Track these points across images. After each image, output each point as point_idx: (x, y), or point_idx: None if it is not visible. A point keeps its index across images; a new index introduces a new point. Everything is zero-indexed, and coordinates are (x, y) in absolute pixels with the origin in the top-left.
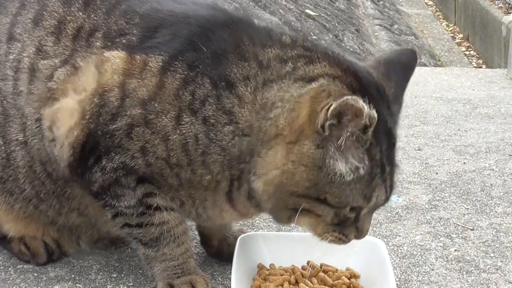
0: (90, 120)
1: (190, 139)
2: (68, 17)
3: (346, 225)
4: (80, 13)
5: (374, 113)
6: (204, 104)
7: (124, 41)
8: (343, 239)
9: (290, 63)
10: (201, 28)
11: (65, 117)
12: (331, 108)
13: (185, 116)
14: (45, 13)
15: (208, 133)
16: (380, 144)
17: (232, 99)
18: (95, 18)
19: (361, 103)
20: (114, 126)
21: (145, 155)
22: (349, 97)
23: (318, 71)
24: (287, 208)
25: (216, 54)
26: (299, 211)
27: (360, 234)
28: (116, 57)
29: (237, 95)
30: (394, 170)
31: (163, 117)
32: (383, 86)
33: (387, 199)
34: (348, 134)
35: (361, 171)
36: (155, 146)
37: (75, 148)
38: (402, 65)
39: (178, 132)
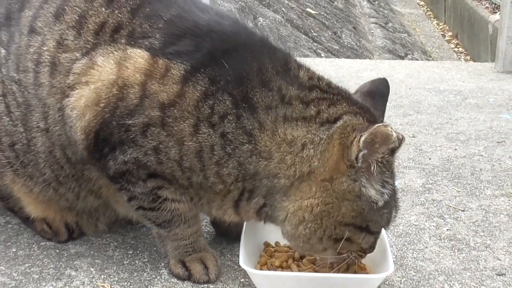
0: (105, 109)
1: (205, 148)
2: (90, 12)
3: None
4: (103, 9)
5: (402, 135)
6: (223, 120)
7: (146, 43)
8: (362, 256)
9: (312, 107)
10: (224, 44)
11: (79, 100)
12: (363, 138)
13: (203, 127)
14: (66, 8)
15: (225, 147)
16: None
17: (253, 122)
18: (119, 15)
19: (389, 128)
20: (130, 122)
21: (157, 154)
22: (380, 125)
23: (341, 111)
24: (329, 238)
25: (239, 73)
26: (343, 240)
27: (372, 250)
28: (139, 56)
29: (258, 120)
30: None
31: (181, 123)
32: (377, 116)
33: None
34: (377, 159)
35: (386, 196)
36: (168, 147)
37: (87, 134)
38: (380, 94)
39: (194, 139)
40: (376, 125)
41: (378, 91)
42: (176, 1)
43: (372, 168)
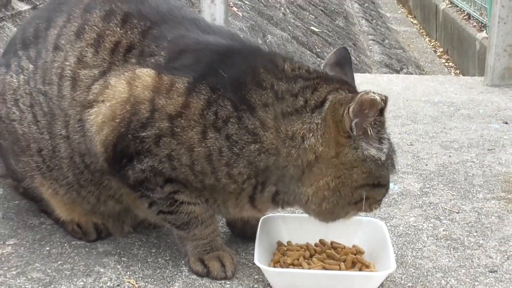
0: (121, 124)
1: (214, 152)
2: (107, 31)
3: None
4: (118, 29)
5: (384, 95)
6: (226, 123)
7: (153, 60)
8: (378, 206)
9: (300, 97)
10: (221, 56)
11: (97, 117)
12: (351, 108)
13: (210, 132)
14: (86, 27)
15: (232, 148)
16: None
17: (254, 121)
18: (131, 35)
19: (371, 94)
20: (144, 134)
21: (171, 161)
22: (362, 93)
23: (324, 93)
24: (349, 203)
25: (235, 80)
26: (364, 200)
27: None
28: (146, 75)
29: (259, 118)
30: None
31: (189, 132)
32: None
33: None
34: (369, 122)
35: (385, 149)
36: (180, 154)
37: (106, 147)
38: (346, 61)
39: (203, 145)
40: (359, 94)
41: (343, 59)
42: (182, 23)
43: (368, 132)
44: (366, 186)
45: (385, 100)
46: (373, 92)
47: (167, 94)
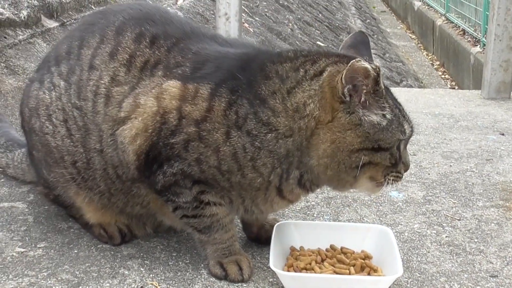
0: (153, 134)
1: (239, 149)
2: (137, 52)
3: (397, 163)
4: (147, 50)
5: (376, 64)
6: (246, 120)
7: (179, 71)
8: (399, 175)
9: (301, 69)
10: (237, 62)
11: (131, 131)
12: (343, 75)
13: (233, 132)
14: (120, 48)
15: (253, 142)
16: (386, 91)
17: (266, 112)
18: (158, 54)
19: (363, 62)
20: (173, 140)
21: (199, 164)
22: (353, 61)
23: (323, 64)
24: (351, 168)
25: (249, 80)
26: (360, 164)
27: (407, 166)
28: (172, 87)
29: (270, 108)
30: (403, 107)
31: (214, 133)
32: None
33: (412, 129)
34: (365, 91)
35: (388, 116)
36: (208, 157)
37: (139, 155)
38: (363, 43)
39: (228, 144)
40: (350, 62)
41: (358, 41)
42: (203, 39)
43: (364, 99)
44: (364, 150)
45: (376, 69)
46: (365, 61)
47: (192, 101)
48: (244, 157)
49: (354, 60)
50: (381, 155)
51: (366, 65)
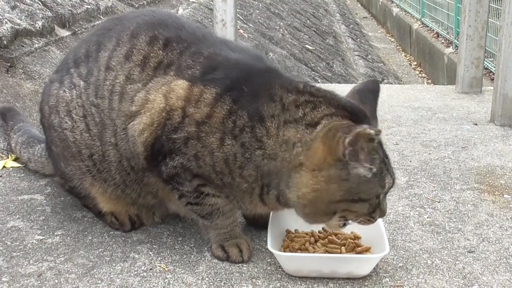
0: (158, 128)
1: (230, 156)
2: (151, 54)
3: (374, 211)
4: (160, 51)
5: (378, 129)
6: (242, 131)
7: (189, 72)
8: (371, 220)
9: (301, 109)
10: (245, 73)
11: (140, 124)
12: (346, 140)
13: (227, 139)
14: (134, 50)
15: (244, 154)
16: (379, 144)
17: (262, 130)
18: (171, 56)
19: (366, 127)
20: (175, 136)
21: (197, 160)
22: (360, 129)
23: (320, 114)
24: (327, 214)
25: (253, 94)
26: (338, 213)
27: (383, 213)
28: (180, 88)
29: (265, 127)
30: (389, 161)
31: (211, 137)
32: (363, 109)
33: (393, 181)
34: (364, 151)
35: (374, 170)
36: (204, 155)
37: (146, 147)
38: (371, 92)
39: (221, 150)
40: (357, 129)
41: (368, 88)
42: (215, 44)
43: (359, 156)
44: (344, 201)
45: (377, 133)
46: (369, 128)
47: (196, 104)
48: (234, 164)
49: (361, 129)
50: (360, 205)
51: (371, 132)
